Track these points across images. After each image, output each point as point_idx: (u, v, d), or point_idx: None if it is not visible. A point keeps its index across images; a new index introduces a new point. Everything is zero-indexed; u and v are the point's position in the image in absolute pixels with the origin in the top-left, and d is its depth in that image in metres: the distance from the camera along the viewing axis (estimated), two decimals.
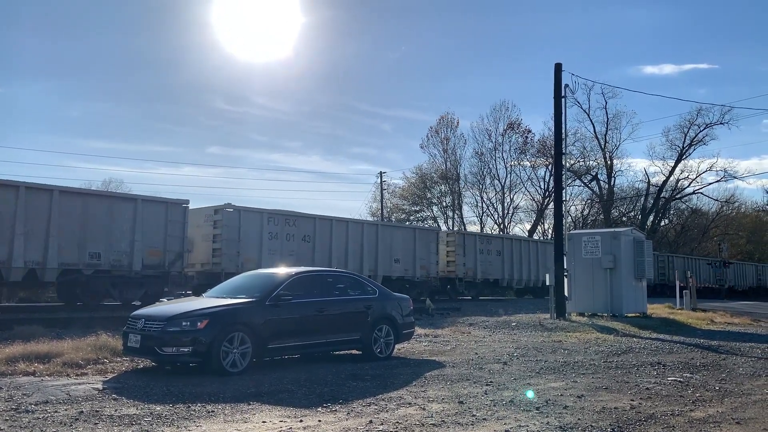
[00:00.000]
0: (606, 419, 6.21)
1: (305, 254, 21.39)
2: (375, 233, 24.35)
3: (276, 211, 21.29)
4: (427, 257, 26.24)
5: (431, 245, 26.67)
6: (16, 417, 6.05)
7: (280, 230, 20.92)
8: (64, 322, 13.79)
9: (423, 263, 25.90)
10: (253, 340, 8.89)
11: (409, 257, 25.38)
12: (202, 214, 19.98)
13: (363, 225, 24.38)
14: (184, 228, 18.51)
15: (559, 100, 19.88)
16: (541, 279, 31.42)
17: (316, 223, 22.09)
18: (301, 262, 20.36)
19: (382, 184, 56.97)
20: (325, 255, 22.09)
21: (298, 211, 22.22)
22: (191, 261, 19.65)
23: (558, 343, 13.15)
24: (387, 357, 10.54)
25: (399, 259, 24.99)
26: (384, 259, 24.35)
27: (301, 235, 21.48)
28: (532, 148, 54.91)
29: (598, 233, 20.21)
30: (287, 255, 20.63)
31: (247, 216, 20.20)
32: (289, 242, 21.14)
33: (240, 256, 19.63)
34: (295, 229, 21.37)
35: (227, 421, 6.06)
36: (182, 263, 18.49)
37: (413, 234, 26.14)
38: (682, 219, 64.19)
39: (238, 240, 19.68)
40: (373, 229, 24.64)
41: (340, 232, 22.91)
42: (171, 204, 18.40)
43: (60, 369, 8.70)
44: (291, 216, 21.62)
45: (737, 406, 6.96)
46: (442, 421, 6.06)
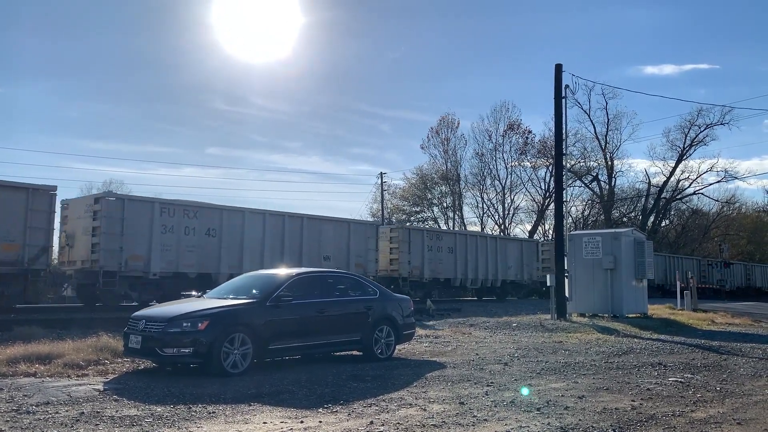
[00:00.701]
0: (607, 420, 6.21)
1: (209, 251, 18.95)
2: (300, 227, 21.62)
3: (171, 201, 18.95)
4: (364, 254, 23.63)
5: (369, 241, 24.04)
6: (17, 418, 6.05)
7: (177, 223, 18.33)
8: (64, 323, 13.79)
9: (359, 261, 23.27)
10: (254, 341, 8.89)
11: (342, 254, 22.78)
12: (83, 204, 17.94)
13: (284, 217, 21.33)
14: (50, 218, 16.13)
15: (559, 100, 19.89)
16: (501, 278, 30.53)
17: (223, 215, 19.52)
18: (205, 260, 18.72)
19: (382, 184, 57.01)
20: (234, 252, 19.61)
21: (203, 201, 19.95)
22: (72, 258, 17.70)
23: (559, 344, 13.14)
24: (388, 358, 10.54)
25: (329, 257, 22.33)
26: (311, 256, 21.55)
27: (204, 228, 18.91)
28: (532, 149, 54.94)
29: (598, 234, 20.20)
30: (185, 251, 18.44)
31: (134, 206, 17.72)
32: (189, 237, 18.58)
33: (123, 252, 17.22)
34: (196, 221, 18.80)
35: (228, 422, 6.06)
36: (47, 259, 16.18)
37: (347, 228, 23.43)
38: (683, 219, 64.20)
39: (121, 234, 17.21)
40: (296, 222, 21.73)
41: (255, 226, 20.29)
42: (34, 191, 15.78)
43: (61, 370, 8.70)
44: (191, 207, 19.05)
45: (738, 407, 6.96)
46: (443, 422, 6.06)
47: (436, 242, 27.72)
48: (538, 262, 34.11)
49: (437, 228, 27.03)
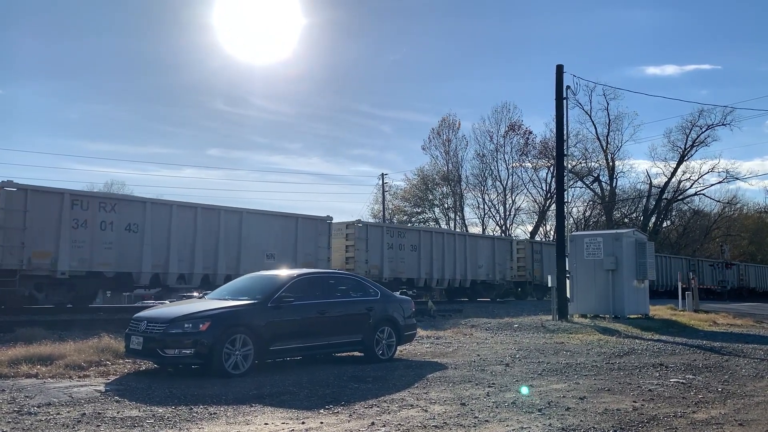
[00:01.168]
0: (608, 421, 6.20)
1: (129, 248, 17.35)
2: (238, 222, 19.88)
3: (84, 193, 17.43)
4: (314, 252, 21.92)
5: (321, 238, 22.37)
6: (19, 419, 6.06)
7: (92, 217, 16.77)
8: (65, 324, 13.80)
9: (309, 260, 21.52)
10: (255, 342, 8.89)
11: (288, 252, 21.02)
12: None
13: (219, 212, 19.59)
14: None
15: (560, 101, 19.89)
16: (470, 278, 28.73)
17: (146, 209, 17.86)
18: (124, 258, 17.17)
19: (383, 185, 57.02)
20: (159, 249, 17.95)
21: (129, 194, 19.37)
22: None
23: (560, 345, 13.13)
24: (389, 359, 10.53)
25: (273, 255, 20.59)
26: (251, 254, 19.91)
27: (123, 223, 17.29)
28: (533, 150, 54.94)
29: (600, 235, 20.18)
30: (101, 249, 16.78)
31: (39, 198, 16.14)
32: (105, 232, 16.92)
33: (26, 249, 15.76)
34: (114, 215, 17.15)
35: (229, 423, 6.06)
36: None
37: (295, 223, 21.56)
38: (684, 220, 64.16)
39: (23, 228, 15.71)
40: (234, 218, 19.91)
41: (184, 221, 18.56)
42: None
43: (62, 371, 8.71)
44: (108, 199, 17.64)
45: (740, 408, 6.95)
46: (444, 423, 6.05)
47: (397, 239, 25.76)
48: (512, 261, 32.39)
49: (398, 224, 25.02)
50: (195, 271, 18.63)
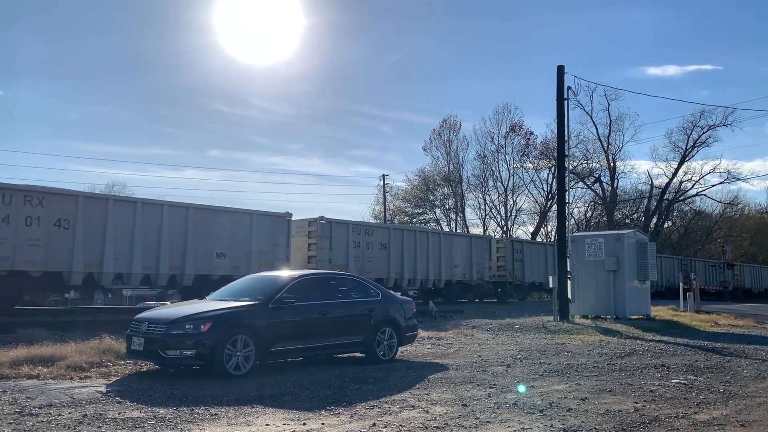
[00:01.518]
0: (610, 422, 6.20)
1: (59, 245, 15.69)
2: (184, 218, 18.21)
3: (7, 186, 15.31)
4: (271, 251, 20.35)
5: (279, 236, 20.75)
6: (20, 420, 6.06)
7: (16, 212, 15.10)
8: (66, 325, 13.81)
9: (265, 259, 20.05)
10: (256, 343, 8.89)
11: (241, 251, 19.54)
12: None
13: (163, 207, 18.05)
14: None
15: (561, 102, 19.89)
16: (445, 279, 27.01)
17: (79, 204, 16.18)
18: (53, 256, 15.57)
19: (384, 186, 57.04)
20: (93, 247, 16.31)
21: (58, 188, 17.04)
22: None
23: (561, 346, 13.12)
24: (390, 360, 10.53)
25: (224, 253, 19.09)
26: (199, 252, 18.37)
27: (52, 219, 15.65)
28: (534, 151, 54.98)
29: (601, 235, 20.17)
30: (26, 246, 15.19)
31: None
32: (31, 228, 15.30)
33: None
34: (42, 210, 15.48)
35: (230, 424, 6.06)
36: None
37: (249, 220, 19.97)
38: (686, 221, 64.12)
39: None
40: (179, 213, 18.22)
41: (123, 217, 16.95)
42: None
43: (64, 372, 8.71)
44: (35, 193, 15.61)
45: (742, 409, 6.94)
46: (446, 424, 6.05)
47: (365, 237, 24.27)
48: (490, 260, 30.61)
49: (367, 222, 24.22)
50: (134, 271, 17.01)
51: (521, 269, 31.94)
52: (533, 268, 32.74)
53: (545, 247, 34.77)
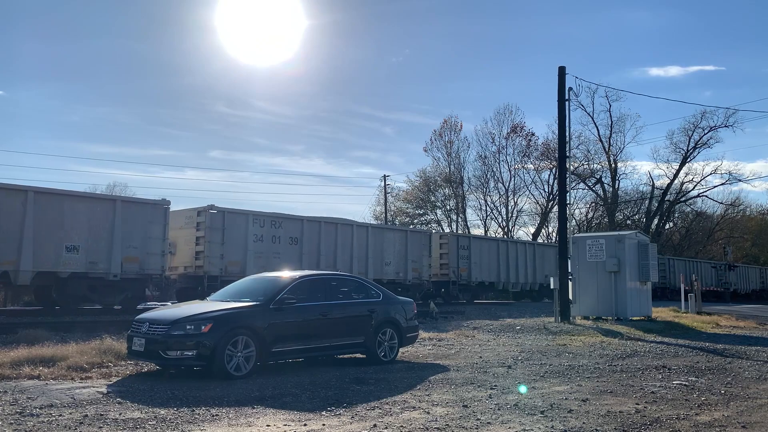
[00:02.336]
0: (611, 423, 6.19)
1: None
2: (21, 204, 15.56)
3: None
4: (142, 245, 17.71)
5: (153, 227, 17.96)
6: (21, 420, 6.06)
7: None
8: (67, 326, 13.82)
9: (133, 254, 17.50)
10: (257, 344, 8.89)
11: (100, 244, 16.80)
12: None
13: None
14: None
15: (562, 103, 19.89)
16: (373, 278, 23.01)
17: None
18: None
19: (385, 187, 57.04)
20: None
21: None
22: None
23: (562, 347, 13.11)
24: (391, 361, 10.53)
25: (77, 247, 16.33)
26: (41, 246, 15.75)
27: None
28: (535, 152, 54.96)
29: (602, 236, 20.16)
30: None
31: None
32: None
33: None
34: None
35: (231, 425, 6.06)
36: None
37: (113, 209, 17.16)
38: (687, 222, 64.07)
39: None
40: (16, 199, 15.63)
41: None
42: None
43: (64, 373, 8.71)
44: None
45: (743, 410, 6.93)
46: (447, 425, 6.04)
47: (270, 230, 21.11)
48: (431, 258, 27.66)
49: (272, 212, 21.77)
50: None
51: (468, 267, 29.30)
52: (483, 267, 30.20)
53: (497, 243, 32.51)
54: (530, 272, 33.09)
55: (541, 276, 33.23)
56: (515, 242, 34.73)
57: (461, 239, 30.15)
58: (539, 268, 33.55)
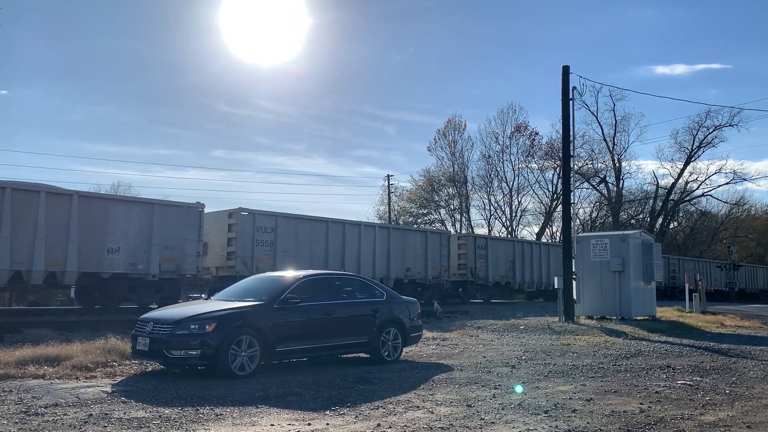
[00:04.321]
0: (615, 423, 6.18)
1: None
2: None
3: None
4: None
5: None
6: (26, 420, 6.08)
7: None
8: (72, 325, 13.86)
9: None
10: (261, 343, 8.90)
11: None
12: None
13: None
14: None
15: (566, 102, 19.86)
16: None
17: None
18: None
19: (389, 187, 57.06)
20: None
21: None
22: None
23: (566, 347, 13.10)
24: (395, 360, 10.53)
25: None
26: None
27: None
28: (539, 151, 54.90)
29: (606, 236, 20.13)
30: None
31: None
32: None
33: None
34: None
35: (235, 424, 6.07)
36: None
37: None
38: (691, 221, 63.92)
39: None
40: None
41: None
42: None
43: (69, 372, 8.74)
44: None
45: (748, 410, 6.91)
46: (450, 425, 6.04)
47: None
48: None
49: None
50: None
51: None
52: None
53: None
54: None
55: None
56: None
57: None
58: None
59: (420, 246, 26.22)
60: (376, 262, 24.02)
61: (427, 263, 26.25)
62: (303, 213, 22.54)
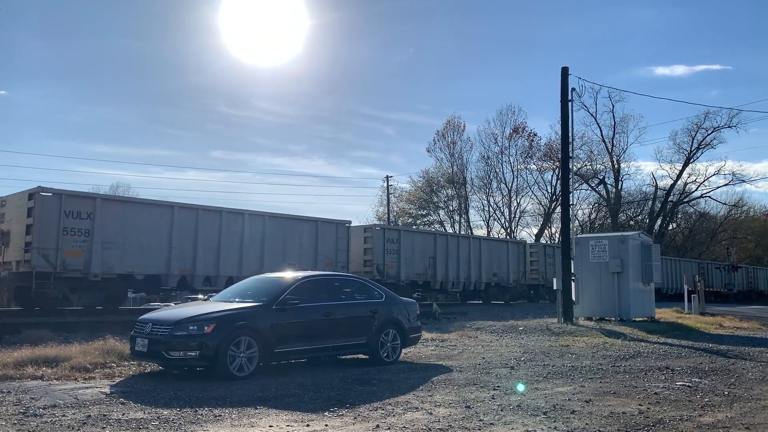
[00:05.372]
0: (614, 424, 6.18)
1: None
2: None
3: None
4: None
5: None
6: (24, 421, 6.07)
7: None
8: (71, 326, 13.85)
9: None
10: (260, 345, 8.89)
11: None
12: None
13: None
14: None
15: (565, 103, 19.86)
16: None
17: None
18: None
19: (388, 188, 57.06)
20: None
21: None
22: None
23: (565, 348, 13.10)
24: (394, 361, 10.52)
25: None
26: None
27: None
28: (538, 152, 54.97)
29: (605, 237, 20.13)
30: None
31: None
32: None
33: None
34: None
35: (234, 425, 6.06)
36: None
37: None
38: (690, 223, 63.94)
39: None
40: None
41: None
42: None
43: (68, 373, 8.73)
44: None
45: (746, 411, 6.91)
46: (449, 426, 6.04)
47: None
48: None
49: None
50: None
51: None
52: None
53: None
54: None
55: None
56: None
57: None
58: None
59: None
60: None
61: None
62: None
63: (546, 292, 33.27)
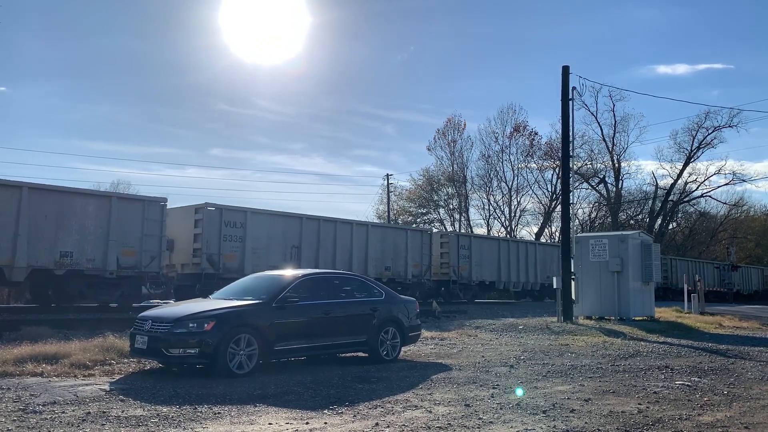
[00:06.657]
0: (613, 423, 6.18)
1: None
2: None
3: None
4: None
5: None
6: (24, 417, 6.07)
7: None
8: (71, 323, 13.84)
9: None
10: (260, 342, 8.90)
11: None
12: None
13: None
14: None
15: (566, 102, 19.85)
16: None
17: None
18: None
19: (388, 186, 57.05)
20: None
21: None
22: None
23: (565, 347, 13.10)
24: (393, 359, 10.53)
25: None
26: None
27: None
28: (539, 151, 54.95)
29: (605, 236, 20.13)
30: None
31: None
32: None
33: None
34: None
35: (234, 422, 6.06)
36: None
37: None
38: (690, 222, 63.94)
39: None
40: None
41: None
42: None
43: (67, 370, 8.73)
44: None
45: (746, 411, 6.92)
46: (449, 424, 6.04)
47: None
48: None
49: None
50: None
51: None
52: None
53: None
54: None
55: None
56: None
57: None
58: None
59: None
60: None
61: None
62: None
63: None
